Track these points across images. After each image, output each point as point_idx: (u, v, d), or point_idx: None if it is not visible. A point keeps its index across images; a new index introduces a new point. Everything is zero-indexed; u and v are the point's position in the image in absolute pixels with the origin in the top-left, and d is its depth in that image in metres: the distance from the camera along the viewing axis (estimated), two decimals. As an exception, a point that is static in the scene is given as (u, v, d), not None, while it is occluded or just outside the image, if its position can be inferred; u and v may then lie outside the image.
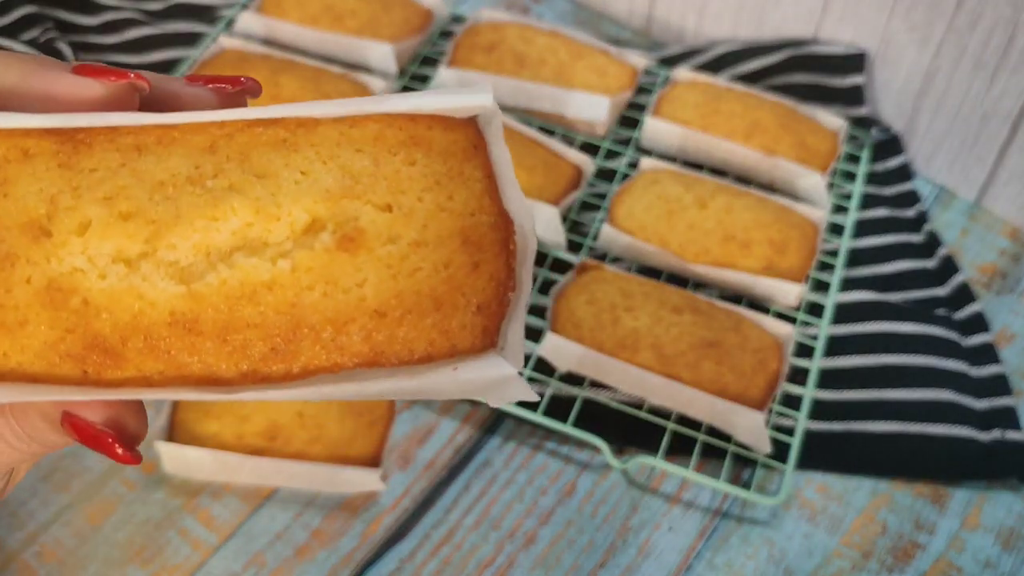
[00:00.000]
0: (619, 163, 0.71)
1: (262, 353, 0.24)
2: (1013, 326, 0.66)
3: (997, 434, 0.60)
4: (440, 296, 0.24)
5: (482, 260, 0.25)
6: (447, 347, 0.24)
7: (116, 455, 0.25)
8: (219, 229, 0.24)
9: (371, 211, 0.24)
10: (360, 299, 0.24)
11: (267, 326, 0.24)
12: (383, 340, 0.24)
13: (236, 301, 0.24)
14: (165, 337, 0.24)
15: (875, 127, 0.74)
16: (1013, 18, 0.65)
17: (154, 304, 0.24)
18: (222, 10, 0.79)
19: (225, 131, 0.25)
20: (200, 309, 0.24)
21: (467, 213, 0.25)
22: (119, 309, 0.24)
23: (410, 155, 0.25)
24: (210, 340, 0.24)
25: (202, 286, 0.24)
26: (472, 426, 0.59)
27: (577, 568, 0.55)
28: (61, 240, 0.24)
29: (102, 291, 0.23)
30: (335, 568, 0.54)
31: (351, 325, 0.24)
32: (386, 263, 0.24)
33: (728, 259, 0.63)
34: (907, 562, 0.56)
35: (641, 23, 0.83)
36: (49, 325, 0.24)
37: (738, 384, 0.57)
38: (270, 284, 0.24)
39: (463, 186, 0.25)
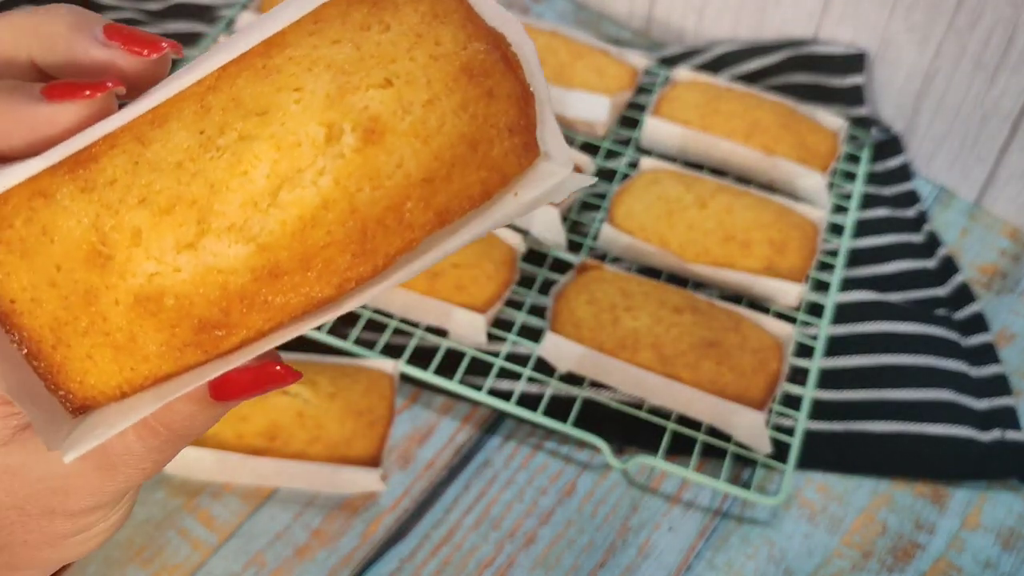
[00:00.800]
0: (619, 163, 0.71)
1: (346, 264, 0.25)
2: (1013, 326, 0.66)
3: (997, 434, 0.60)
4: (472, 137, 0.25)
5: (493, 85, 0.25)
6: (498, 178, 0.26)
7: (281, 375, 0.26)
8: (254, 180, 0.24)
9: (375, 94, 0.24)
10: (406, 177, 0.24)
11: (338, 240, 0.24)
12: (442, 201, 0.25)
13: (302, 233, 0.24)
14: (258, 292, 0.24)
15: (875, 127, 0.74)
16: (1013, 18, 0.65)
17: (234, 271, 0.24)
18: (222, 10, 0.79)
19: (205, 86, 0.25)
20: (275, 255, 0.24)
21: (459, 49, 0.25)
22: (208, 289, 0.24)
23: (381, 22, 0.25)
24: (297, 275, 0.24)
25: (266, 236, 0.24)
26: (472, 426, 0.59)
27: (577, 568, 0.55)
28: (124, 258, 0.24)
29: (184, 282, 0.24)
30: (335, 568, 0.54)
31: (408, 203, 0.25)
32: (412, 134, 0.24)
33: (728, 259, 0.63)
34: (907, 562, 0.56)
35: (641, 23, 0.83)
36: (156, 329, 0.25)
37: (738, 384, 0.57)
38: (323, 204, 0.24)
39: (442, 26, 0.25)
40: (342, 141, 0.24)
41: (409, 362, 0.60)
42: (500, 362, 0.60)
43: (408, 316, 0.61)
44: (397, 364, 0.58)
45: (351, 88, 0.24)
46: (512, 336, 0.61)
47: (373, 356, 0.59)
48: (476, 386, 0.59)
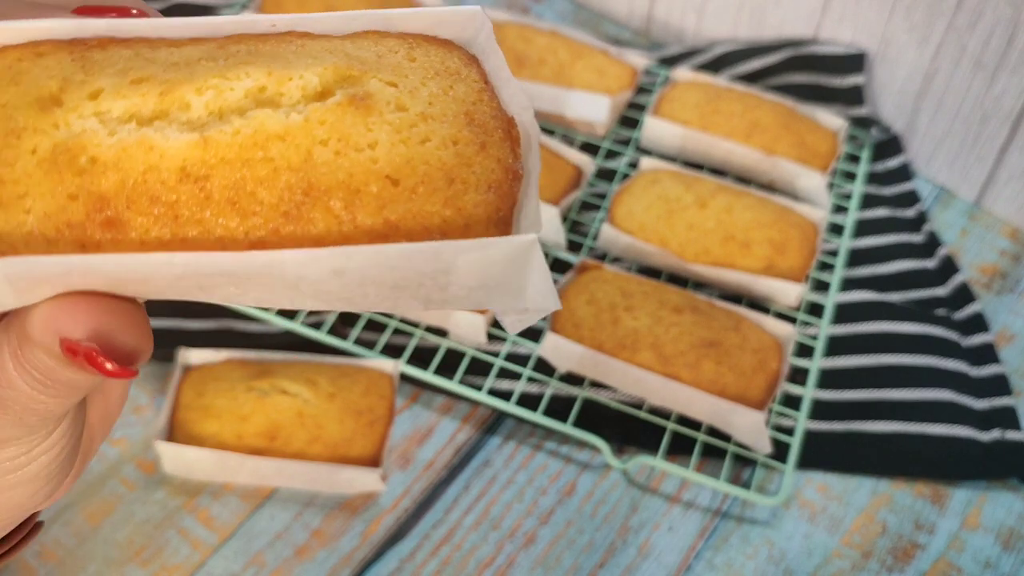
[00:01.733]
0: (619, 163, 0.71)
1: (274, 218, 0.23)
2: (1013, 326, 0.66)
3: (997, 434, 0.60)
4: (451, 171, 0.24)
5: (488, 142, 0.25)
6: (460, 224, 0.24)
7: (104, 370, 0.23)
8: (232, 88, 0.24)
9: (378, 83, 0.24)
10: (372, 161, 0.24)
11: (278, 184, 0.23)
12: (396, 211, 0.23)
13: (248, 151, 0.23)
14: (174, 197, 0.22)
15: (875, 127, 0.74)
16: (1013, 18, 0.65)
17: (164, 155, 0.23)
18: (222, 10, 0.79)
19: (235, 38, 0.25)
20: (212, 161, 0.23)
21: (468, 101, 0.25)
22: (128, 164, 0.22)
23: (411, 54, 0.26)
24: (220, 200, 0.23)
25: (216, 133, 0.23)
26: (472, 426, 0.59)
27: (577, 568, 0.55)
28: (72, 107, 0.23)
29: (111, 147, 0.23)
30: (335, 568, 0.54)
31: (364, 192, 0.23)
32: (396, 128, 0.24)
33: (728, 259, 0.63)
34: (907, 562, 0.56)
35: (641, 23, 0.83)
36: (51, 194, 0.22)
37: (738, 384, 0.57)
38: (283, 134, 0.23)
39: (462, 83, 0.26)
40: (330, 99, 0.24)
41: (409, 362, 0.60)
42: (500, 362, 0.60)
43: (408, 316, 0.61)
44: (397, 364, 0.58)
45: (360, 72, 0.25)
46: (512, 336, 0.61)
47: (373, 356, 0.59)
48: (476, 386, 0.59)
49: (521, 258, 0.24)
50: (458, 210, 0.24)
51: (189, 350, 0.58)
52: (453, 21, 0.27)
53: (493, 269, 0.24)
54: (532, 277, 0.24)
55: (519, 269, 0.24)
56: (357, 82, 0.24)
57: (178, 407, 0.55)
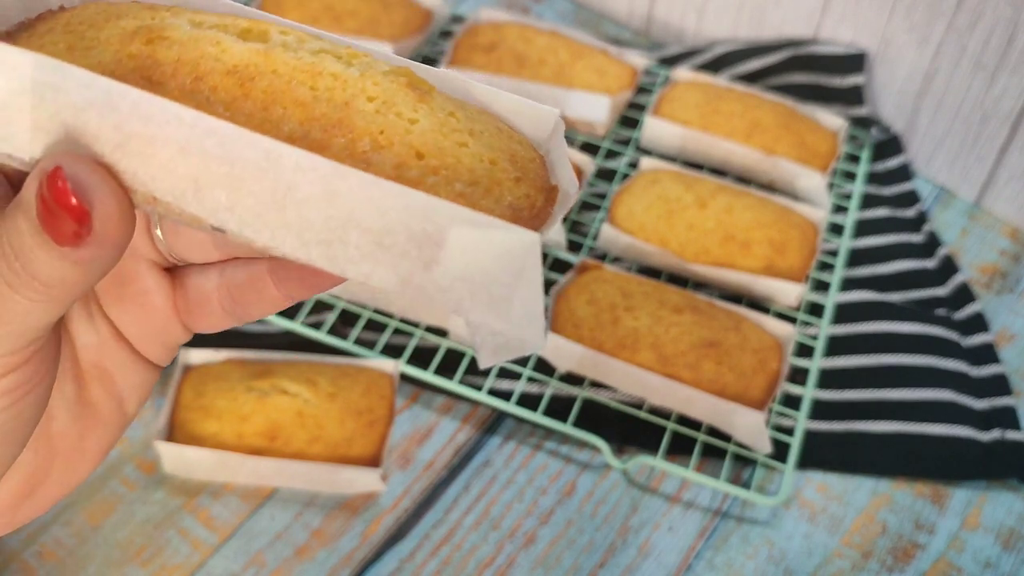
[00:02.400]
0: (619, 163, 0.71)
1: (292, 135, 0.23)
2: (1013, 326, 0.66)
3: (997, 434, 0.60)
4: (478, 178, 0.24)
5: (523, 179, 0.25)
6: None
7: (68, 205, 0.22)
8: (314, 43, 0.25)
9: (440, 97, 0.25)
10: (407, 131, 0.24)
11: (311, 110, 0.23)
12: (410, 177, 0.23)
13: (300, 74, 0.24)
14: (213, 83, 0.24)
15: (875, 127, 0.74)
16: (1013, 18, 0.65)
17: (226, 51, 0.24)
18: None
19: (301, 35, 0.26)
20: (265, 69, 0.24)
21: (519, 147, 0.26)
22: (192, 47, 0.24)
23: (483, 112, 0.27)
24: (254, 102, 0.24)
25: (280, 50, 0.24)
26: (472, 426, 0.59)
27: (577, 568, 0.55)
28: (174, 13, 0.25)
29: (186, 33, 0.24)
30: (335, 568, 0.54)
31: (389, 146, 0.23)
32: (440, 122, 0.24)
33: (728, 259, 0.63)
34: (907, 562, 0.56)
35: (641, 23, 0.83)
36: (115, 50, 0.24)
37: (738, 384, 0.57)
38: (337, 75, 0.24)
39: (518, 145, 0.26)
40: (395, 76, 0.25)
41: (409, 362, 0.60)
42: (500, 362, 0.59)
43: (408, 316, 0.61)
44: (397, 364, 0.58)
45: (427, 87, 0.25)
46: (512, 336, 0.61)
47: (373, 356, 0.59)
48: (476, 386, 0.59)
49: (517, 257, 0.22)
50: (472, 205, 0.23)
51: (189, 350, 0.58)
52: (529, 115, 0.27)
53: (483, 258, 0.22)
54: (521, 289, 0.22)
55: (510, 272, 0.22)
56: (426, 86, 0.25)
57: (178, 407, 0.55)
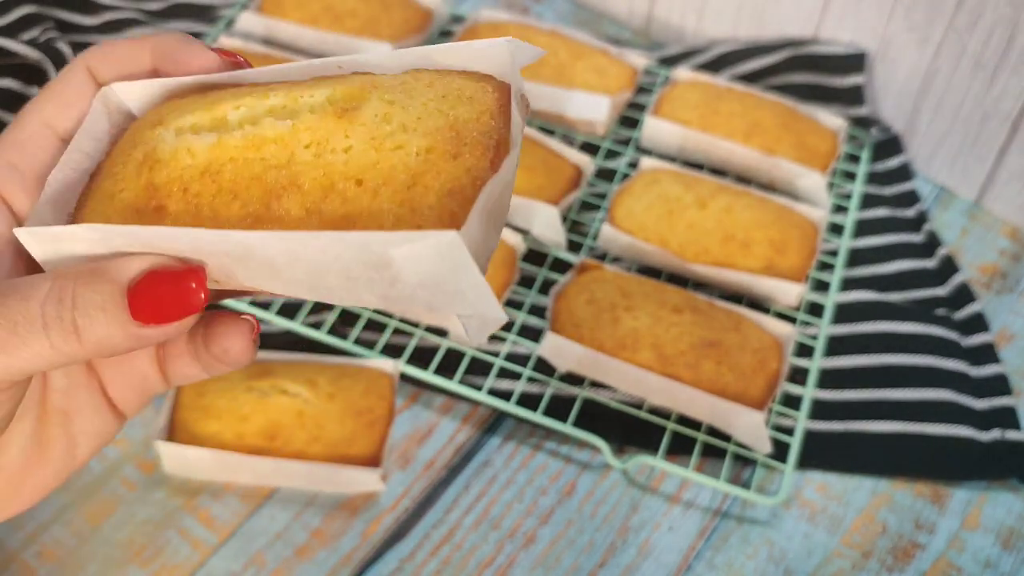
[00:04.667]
0: (619, 163, 0.71)
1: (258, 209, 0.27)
2: (1013, 326, 0.66)
3: (997, 434, 0.60)
4: (415, 174, 0.26)
5: (463, 153, 0.27)
6: (413, 224, 0.26)
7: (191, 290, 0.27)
8: (262, 104, 0.29)
9: (376, 100, 0.28)
10: (344, 163, 0.27)
11: (266, 180, 0.27)
12: (356, 209, 0.26)
13: (248, 151, 0.28)
14: (196, 188, 0.28)
15: (875, 127, 0.74)
16: (1013, 18, 0.65)
17: (196, 155, 0.28)
18: (222, 10, 0.79)
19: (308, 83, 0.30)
20: (223, 159, 0.28)
21: (462, 120, 0.28)
22: (174, 163, 0.28)
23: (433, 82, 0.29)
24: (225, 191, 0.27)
25: (228, 138, 0.28)
26: (472, 426, 0.59)
27: (577, 568, 0.55)
28: (165, 126, 0.29)
29: (168, 149, 0.28)
30: (335, 568, 0.54)
31: (333, 190, 0.27)
32: (371, 135, 0.27)
33: (728, 259, 0.63)
34: (907, 562, 0.56)
35: (641, 23, 0.83)
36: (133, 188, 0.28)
37: (738, 384, 0.57)
38: (275, 139, 0.27)
39: (467, 105, 0.28)
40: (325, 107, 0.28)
41: (409, 362, 0.60)
42: (500, 362, 0.60)
43: (408, 316, 0.61)
44: (397, 364, 0.58)
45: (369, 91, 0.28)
46: (512, 336, 0.61)
47: (373, 356, 0.59)
48: (476, 386, 0.59)
49: (447, 257, 0.25)
50: (413, 211, 0.26)
51: (189, 350, 0.57)
52: (485, 55, 0.29)
53: (426, 266, 0.25)
54: (464, 278, 0.25)
55: (450, 268, 0.25)
56: (356, 97, 0.28)
57: (178, 407, 0.55)
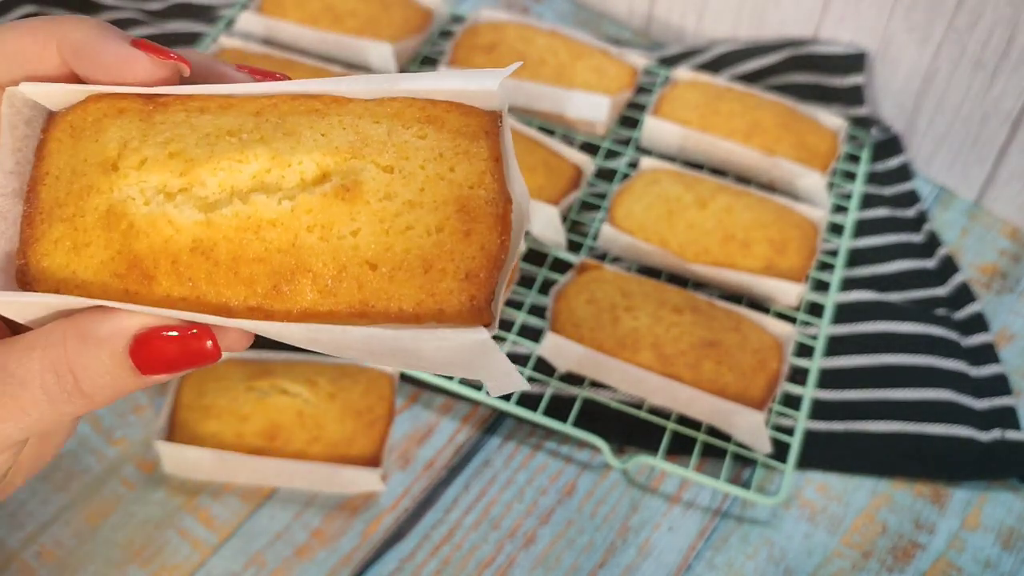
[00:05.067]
0: (619, 163, 0.71)
1: (266, 290, 0.27)
2: (1013, 326, 0.66)
3: (997, 434, 0.60)
4: (430, 258, 0.26)
5: (474, 229, 0.26)
6: (434, 309, 0.26)
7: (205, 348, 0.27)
8: (241, 171, 0.27)
9: (373, 169, 0.27)
10: (354, 248, 0.26)
11: (271, 262, 0.26)
12: (373, 293, 0.26)
13: (245, 233, 0.27)
14: (187, 263, 0.27)
15: (875, 127, 0.74)
16: (1013, 18, 0.65)
17: (180, 230, 0.27)
18: (222, 10, 0.79)
19: (273, 102, 0.28)
20: (216, 237, 0.27)
21: (466, 185, 0.27)
22: (154, 232, 0.27)
23: (422, 130, 0.27)
24: (224, 269, 0.27)
25: (218, 216, 0.27)
26: (472, 426, 0.59)
27: (577, 568, 0.55)
28: (123, 173, 0.28)
29: (144, 216, 0.27)
30: (335, 568, 0.54)
31: (345, 273, 0.26)
32: (379, 217, 0.26)
33: (728, 259, 0.63)
34: (907, 562, 0.56)
35: (641, 23, 0.83)
36: (104, 246, 0.27)
37: (738, 384, 0.57)
38: (273, 221, 0.27)
39: (466, 162, 0.27)
40: (323, 186, 0.27)
41: (409, 362, 0.59)
42: (500, 362, 0.59)
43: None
44: (397, 364, 0.58)
45: (360, 155, 0.27)
46: (512, 336, 0.61)
47: (373, 356, 0.59)
48: (476, 386, 0.59)
49: (476, 351, 0.26)
50: (432, 296, 0.26)
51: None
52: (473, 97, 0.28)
53: (453, 355, 0.26)
54: (492, 365, 0.26)
55: (478, 357, 0.26)
56: (352, 169, 0.27)
57: (178, 407, 0.55)
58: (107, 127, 0.29)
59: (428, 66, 0.75)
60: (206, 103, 0.29)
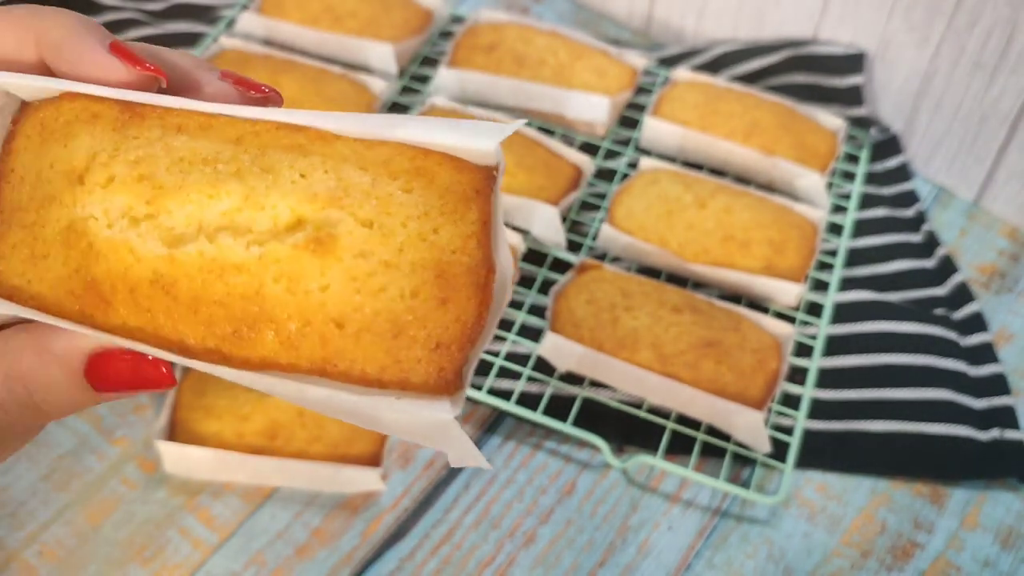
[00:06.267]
0: (619, 163, 0.71)
1: (225, 334, 0.25)
2: (1012, 326, 0.66)
3: (996, 433, 0.60)
4: (401, 323, 0.25)
5: (452, 298, 0.25)
6: (399, 377, 0.25)
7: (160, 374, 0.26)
8: (211, 207, 0.25)
9: (351, 223, 0.25)
10: (320, 304, 0.25)
11: (233, 307, 0.25)
12: (337, 352, 0.25)
13: (208, 275, 0.25)
14: (147, 295, 0.26)
15: (874, 127, 0.74)
16: (1012, 18, 0.65)
17: (141, 260, 0.26)
18: (222, 10, 0.79)
19: (255, 128, 0.26)
20: (177, 274, 0.25)
21: (448, 249, 0.25)
22: (114, 258, 0.26)
23: (409, 183, 0.25)
24: (184, 307, 0.25)
25: (182, 253, 0.25)
26: (472, 426, 0.59)
27: (577, 567, 0.55)
28: (88, 189, 0.26)
29: (105, 239, 0.26)
30: (335, 567, 0.54)
31: (309, 328, 0.25)
32: (351, 275, 0.25)
33: (727, 259, 0.63)
34: (906, 561, 0.56)
35: (641, 23, 0.83)
36: (63, 262, 0.26)
37: (737, 384, 0.57)
38: (239, 267, 0.25)
39: (452, 224, 0.25)
40: (295, 234, 0.25)
41: (409, 362, 0.60)
42: (500, 361, 0.60)
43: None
44: (397, 364, 0.58)
45: (339, 204, 0.25)
46: (512, 336, 0.61)
47: (373, 356, 0.59)
48: (476, 386, 0.59)
49: (440, 428, 0.25)
50: (398, 363, 0.25)
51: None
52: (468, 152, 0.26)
53: (414, 428, 0.25)
54: (453, 444, 0.25)
55: (439, 433, 0.25)
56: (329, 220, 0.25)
57: (179, 407, 0.55)
58: (78, 133, 0.27)
59: (428, 66, 0.76)
60: (185, 120, 0.27)
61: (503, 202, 0.27)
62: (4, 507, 0.55)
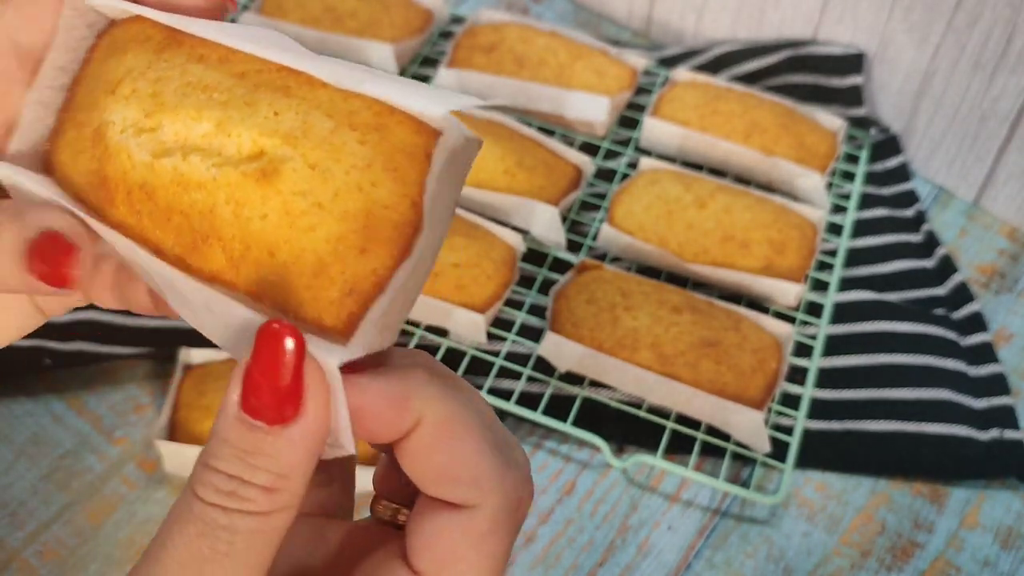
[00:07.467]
0: (619, 163, 0.71)
1: (187, 244, 0.28)
2: (1011, 326, 0.66)
3: (995, 433, 0.60)
4: (324, 263, 0.26)
5: (371, 250, 0.26)
6: (314, 316, 0.26)
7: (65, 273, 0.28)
8: (194, 128, 0.28)
9: (299, 162, 0.27)
10: (260, 231, 0.27)
11: (193, 220, 0.28)
12: (267, 278, 0.27)
13: (177, 187, 0.28)
14: (138, 197, 0.29)
15: (874, 127, 0.74)
16: (1012, 18, 0.65)
17: (135, 166, 0.29)
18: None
19: (260, 67, 0.29)
20: (155, 183, 0.28)
21: (380, 204, 0.26)
22: (118, 161, 0.29)
23: (365, 136, 0.27)
24: (161, 213, 0.28)
25: (160, 165, 0.28)
26: (472, 425, 0.59)
27: (577, 567, 0.55)
28: (116, 98, 0.30)
29: (116, 143, 0.29)
30: (335, 567, 0.54)
31: (250, 252, 0.27)
32: (287, 209, 0.27)
33: (727, 259, 0.63)
34: (906, 561, 0.56)
35: (641, 24, 0.83)
36: (90, 158, 0.30)
37: (737, 383, 0.57)
38: (200, 184, 0.27)
39: (392, 181, 0.26)
40: (250, 164, 0.27)
41: (409, 362, 0.60)
42: (500, 361, 0.60)
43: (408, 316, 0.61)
44: (397, 364, 0.58)
45: (294, 144, 0.27)
46: (512, 336, 0.61)
47: (373, 356, 0.59)
48: (476, 385, 0.59)
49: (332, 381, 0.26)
50: (316, 300, 0.26)
51: (190, 349, 0.58)
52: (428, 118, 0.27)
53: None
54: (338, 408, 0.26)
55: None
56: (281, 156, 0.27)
57: (179, 406, 0.55)
58: (128, 50, 0.30)
59: (428, 67, 0.76)
60: (209, 52, 0.29)
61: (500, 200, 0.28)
62: (4, 507, 0.55)
